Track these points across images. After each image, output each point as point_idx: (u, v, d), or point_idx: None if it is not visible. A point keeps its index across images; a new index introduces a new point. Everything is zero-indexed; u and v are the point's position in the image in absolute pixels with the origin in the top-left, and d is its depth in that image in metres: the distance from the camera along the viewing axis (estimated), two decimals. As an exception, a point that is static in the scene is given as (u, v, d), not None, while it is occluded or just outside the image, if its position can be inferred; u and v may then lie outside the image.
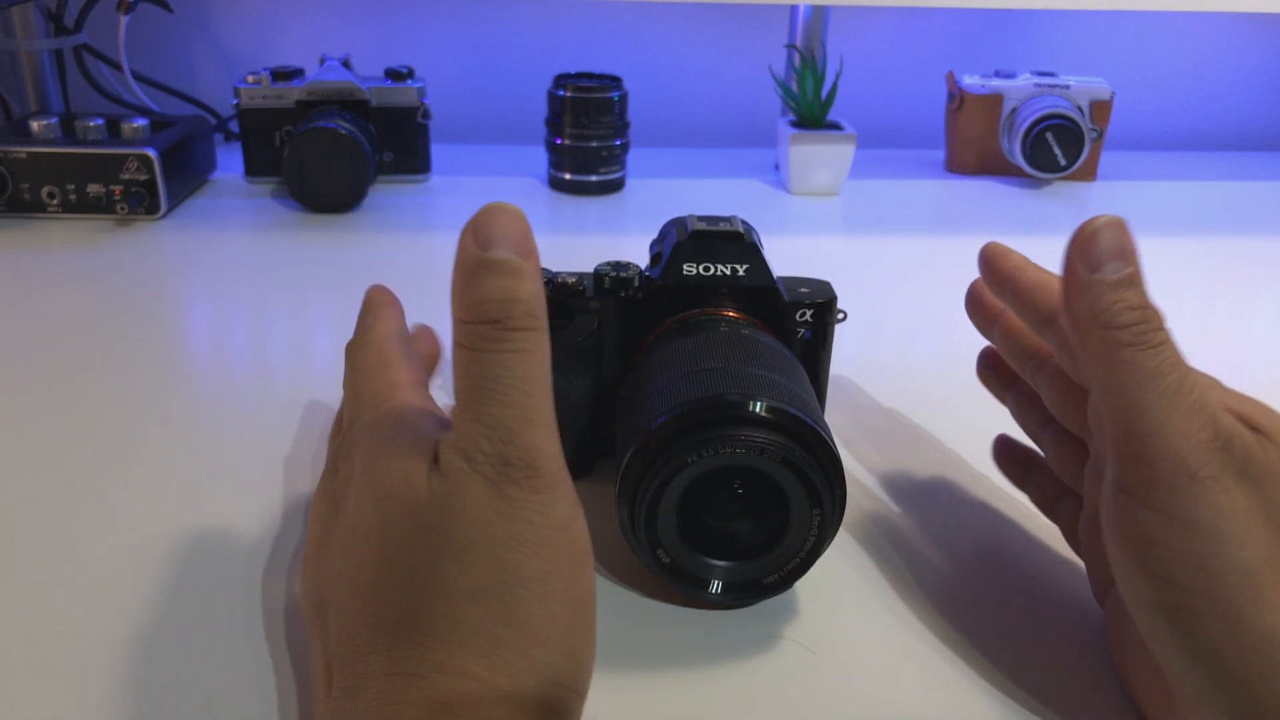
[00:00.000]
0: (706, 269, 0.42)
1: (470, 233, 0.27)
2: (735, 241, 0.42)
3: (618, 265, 0.43)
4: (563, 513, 0.27)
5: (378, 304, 0.38)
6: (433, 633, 0.26)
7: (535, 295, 0.27)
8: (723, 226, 0.43)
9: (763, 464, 0.34)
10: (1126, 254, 0.29)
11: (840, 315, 0.45)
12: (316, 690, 0.29)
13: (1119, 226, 0.29)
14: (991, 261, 0.37)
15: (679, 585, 0.36)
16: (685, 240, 0.42)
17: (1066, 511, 0.39)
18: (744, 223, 0.44)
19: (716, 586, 0.36)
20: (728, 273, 0.42)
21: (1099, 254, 0.29)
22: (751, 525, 0.36)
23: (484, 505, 0.26)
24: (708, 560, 0.36)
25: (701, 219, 0.43)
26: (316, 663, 0.29)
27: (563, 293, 0.43)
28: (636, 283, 0.43)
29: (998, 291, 0.37)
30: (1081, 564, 0.38)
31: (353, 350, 0.35)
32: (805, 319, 0.43)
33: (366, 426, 0.31)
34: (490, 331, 0.27)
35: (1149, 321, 0.28)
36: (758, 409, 0.34)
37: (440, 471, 0.27)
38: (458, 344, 0.27)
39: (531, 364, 0.27)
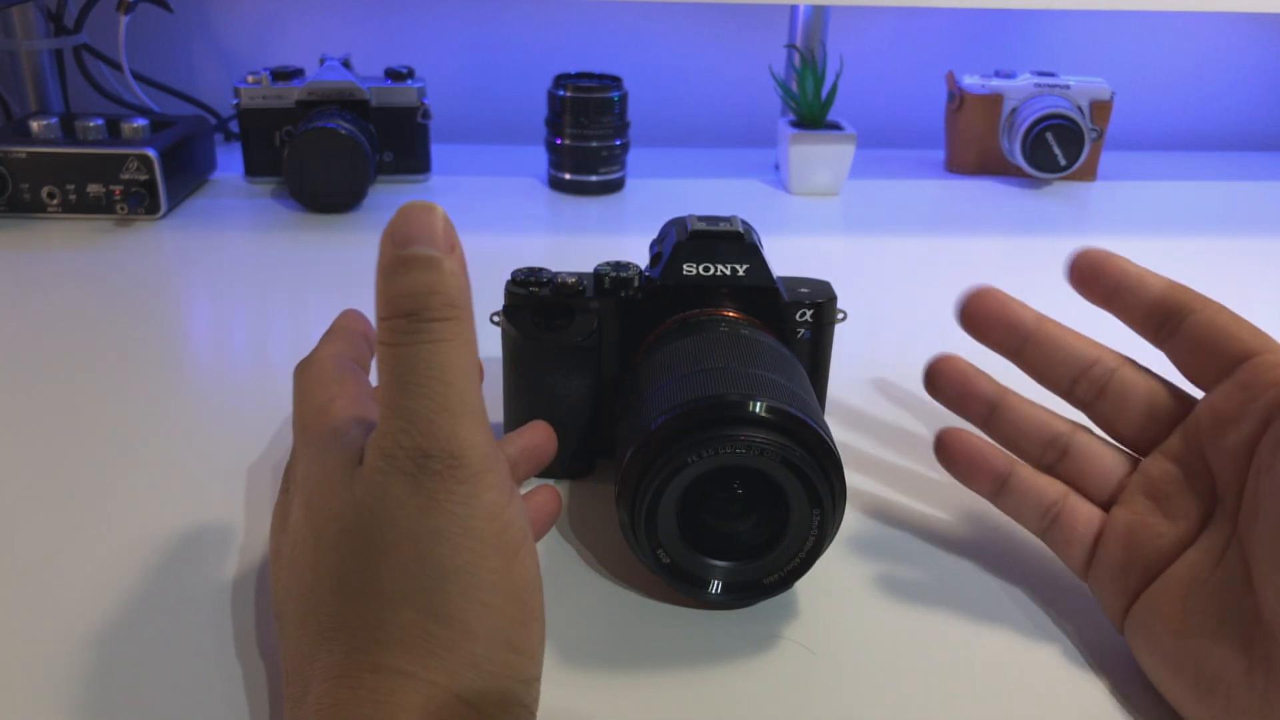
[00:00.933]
0: (706, 269, 0.42)
1: (388, 234, 0.27)
2: (735, 241, 0.42)
3: (618, 265, 0.43)
4: (490, 501, 0.27)
5: (334, 328, 0.38)
6: (365, 634, 0.26)
7: (455, 286, 0.27)
8: (723, 226, 0.43)
9: (762, 464, 0.34)
10: None
11: (840, 315, 0.45)
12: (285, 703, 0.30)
13: None
14: (1097, 266, 0.38)
15: (679, 585, 0.36)
16: (685, 240, 0.42)
17: (1070, 526, 0.37)
18: (744, 223, 0.44)
19: (716, 586, 0.36)
20: (728, 273, 0.42)
21: None
22: (751, 525, 0.36)
23: (404, 502, 0.26)
24: (708, 560, 0.36)
25: (701, 219, 0.43)
26: (284, 673, 0.29)
27: (563, 293, 0.43)
28: (636, 283, 0.43)
29: (1100, 297, 0.38)
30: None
31: (296, 373, 0.35)
32: (805, 319, 0.43)
33: (305, 443, 0.31)
34: (407, 325, 0.26)
35: None
36: (758, 409, 0.34)
37: (362, 474, 0.27)
38: (379, 343, 0.27)
39: (451, 353, 0.27)
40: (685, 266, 0.42)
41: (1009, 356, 0.39)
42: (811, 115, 0.87)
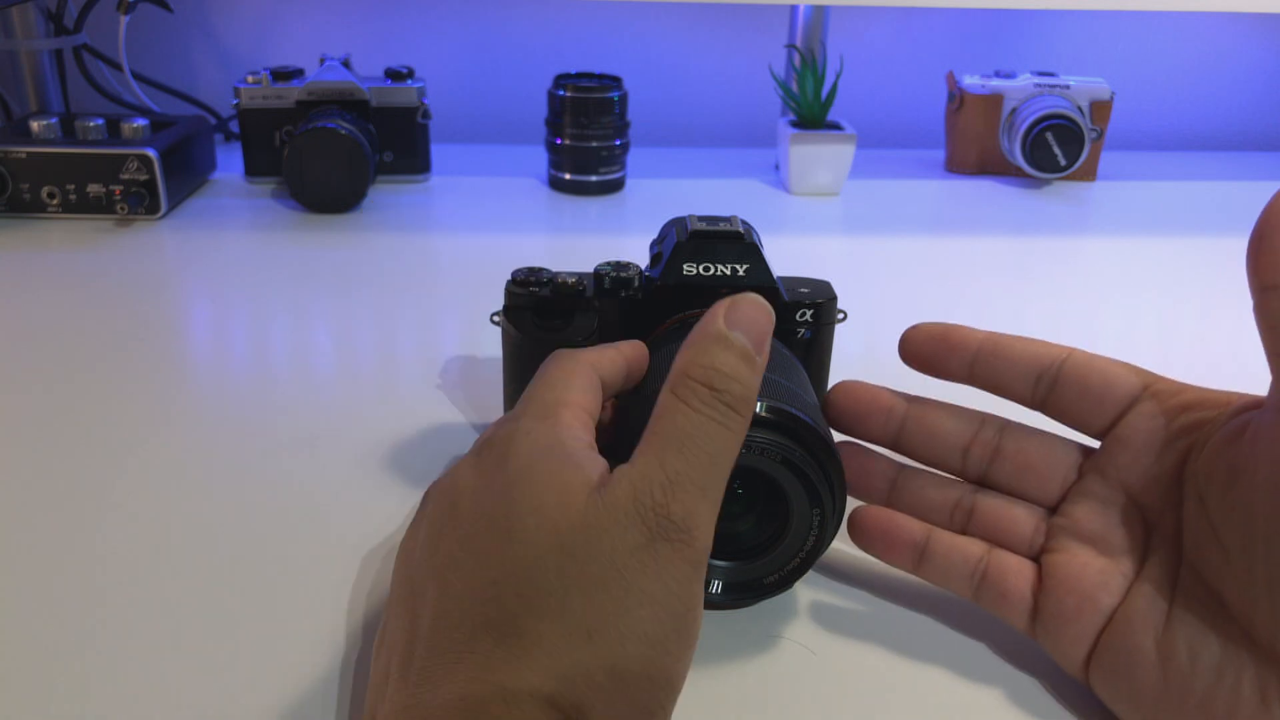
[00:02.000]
0: (706, 269, 0.42)
1: (724, 308, 0.29)
2: (735, 241, 0.42)
3: (618, 265, 0.43)
4: (696, 591, 0.27)
5: (616, 348, 0.37)
6: (536, 656, 0.25)
7: (753, 388, 0.29)
8: (722, 226, 0.43)
9: (763, 464, 0.34)
10: None
11: (840, 315, 0.45)
12: (381, 664, 0.29)
13: None
14: (941, 339, 0.37)
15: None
16: (685, 240, 0.42)
17: (1000, 579, 0.35)
18: (744, 223, 0.44)
19: (716, 586, 0.36)
20: (728, 273, 0.42)
21: None
22: (751, 525, 0.36)
23: (632, 551, 0.26)
24: (708, 560, 0.36)
25: (701, 219, 0.43)
26: (395, 639, 0.28)
27: (563, 292, 0.43)
28: (636, 283, 0.43)
29: (958, 372, 0.37)
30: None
31: (550, 360, 0.34)
32: (805, 319, 0.43)
33: (526, 430, 0.30)
34: (708, 395, 0.28)
35: None
36: (758, 409, 0.34)
37: (605, 501, 0.27)
38: (671, 393, 0.28)
39: (729, 442, 0.28)
40: (685, 266, 0.42)
41: (889, 445, 0.38)
42: (811, 115, 0.87)
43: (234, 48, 1.00)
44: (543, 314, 0.43)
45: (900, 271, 0.72)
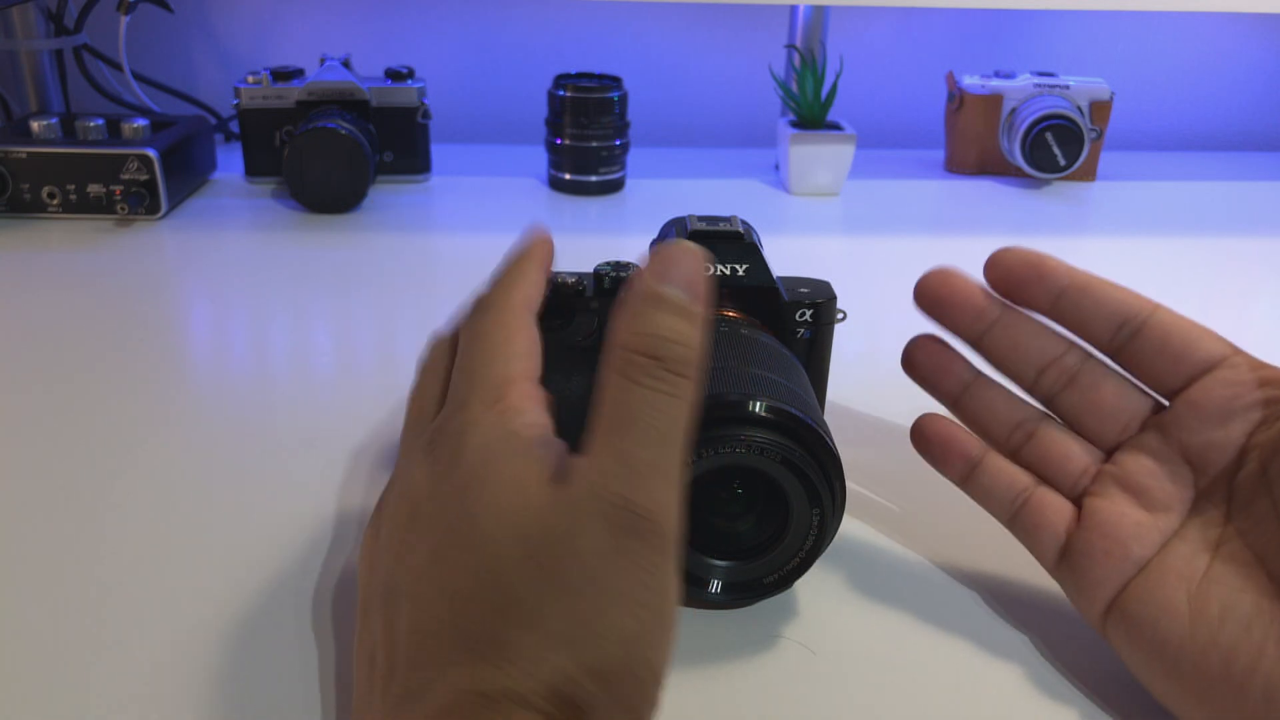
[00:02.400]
0: (706, 269, 0.42)
1: (651, 265, 0.28)
2: (735, 241, 0.42)
3: (618, 265, 0.43)
4: (669, 579, 0.26)
5: (527, 258, 0.34)
6: (517, 663, 0.25)
7: (697, 345, 0.27)
8: (722, 226, 0.43)
9: (762, 464, 0.34)
10: None
11: (840, 315, 0.45)
12: (364, 674, 0.28)
13: None
14: (1035, 267, 0.36)
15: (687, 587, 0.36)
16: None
17: (1039, 512, 0.36)
18: (744, 223, 0.44)
19: (716, 586, 0.36)
20: (727, 273, 0.42)
21: None
22: (751, 525, 0.36)
23: (601, 551, 0.25)
24: (707, 560, 0.36)
25: (701, 219, 0.43)
26: (373, 649, 0.28)
27: (563, 293, 0.43)
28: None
29: (1042, 303, 0.36)
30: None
31: (481, 311, 0.32)
32: (805, 319, 0.43)
33: (474, 421, 0.28)
34: (650, 366, 0.26)
35: None
36: (757, 409, 0.34)
37: (565, 499, 0.26)
38: (610, 368, 0.27)
39: (681, 412, 0.27)
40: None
41: (971, 343, 0.38)
42: (811, 115, 0.87)
43: (234, 48, 1.00)
44: (542, 314, 0.43)
45: (900, 271, 0.72)
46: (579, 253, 0.75)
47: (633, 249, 0.61)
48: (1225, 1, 0.86)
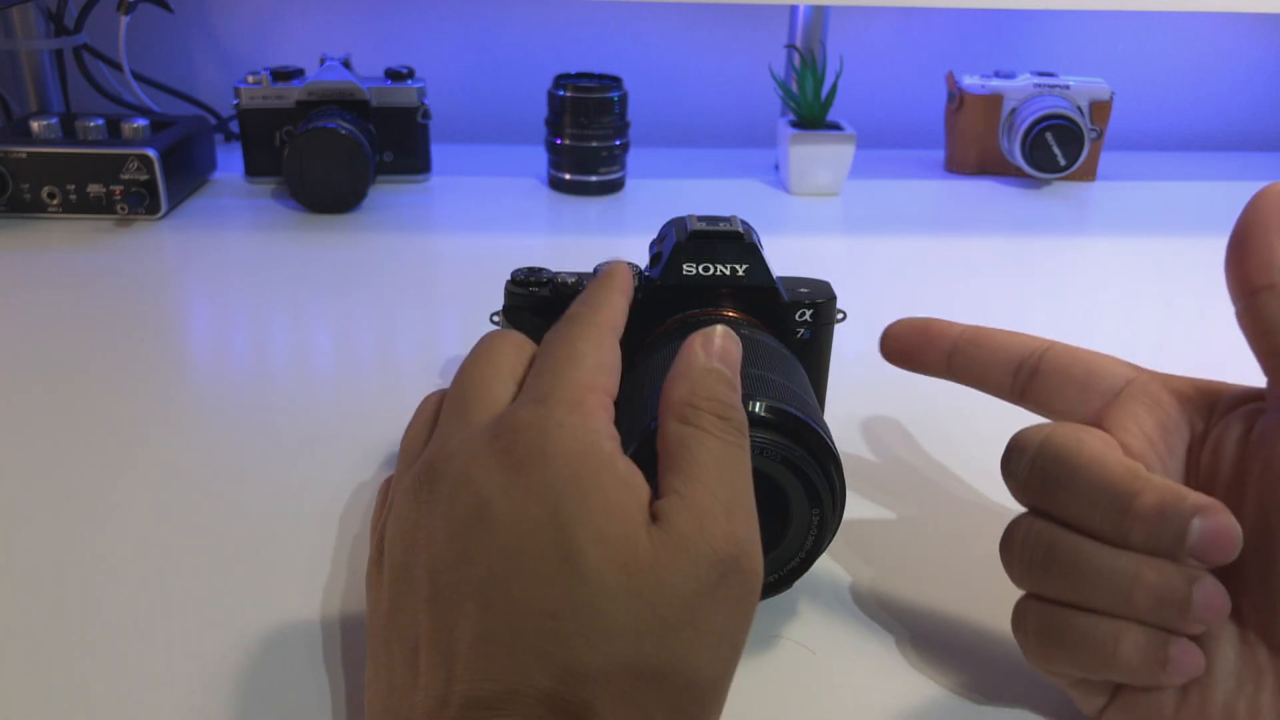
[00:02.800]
0: (706, 269, 0.42)
1: (699, 342, 0.31)
2: (735, 241, 0.42)
3: (597, 269, 0.43)
4: (752, 617, 0.27)
5: (613, 284, 0.35)
6: (605, 697, 0.24)
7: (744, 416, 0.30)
8: (722, 227, 0.43)
9: (762, 464, 0.34)
10: None
11: (840, 315, 0.45)
12: (390, 658, 0.27)
13: None
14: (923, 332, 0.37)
15: None
16: (684, 241, 0.42)
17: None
18: (744, 223, 0.44)
19: None
20: (727, 273, 0.42)
21: None
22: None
23: (705, 590, 0.26)
24: None
25: (701, 219, 0.43)
26: (413, 640, 0.27)
27: (563, 292, 0.43)
28: (636, 283, 0.43)
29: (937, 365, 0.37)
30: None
31: (569, 322, 0.32)
32: (805, 319, 0.43)
33: (558, 424, 0.28)
34: (721, 423, 0.29)
35: None
36: (757, 409, 0.34)
37: (670, 536, 0.26)
38: (683, 422, 0.29)
39: (748, 464, 0.29)
40: (685, 266, 0.42)
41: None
42: (811, 115, 0.87)
43: (234, 48, 1.00)
44: (542, 314, 0.43)
45: (900, 271, 0.72)
46: (579, 253, 0.75)
47: (633, 249, 0.61)
48: (1225, 1, 0.86)
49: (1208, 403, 0.32)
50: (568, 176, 0.85)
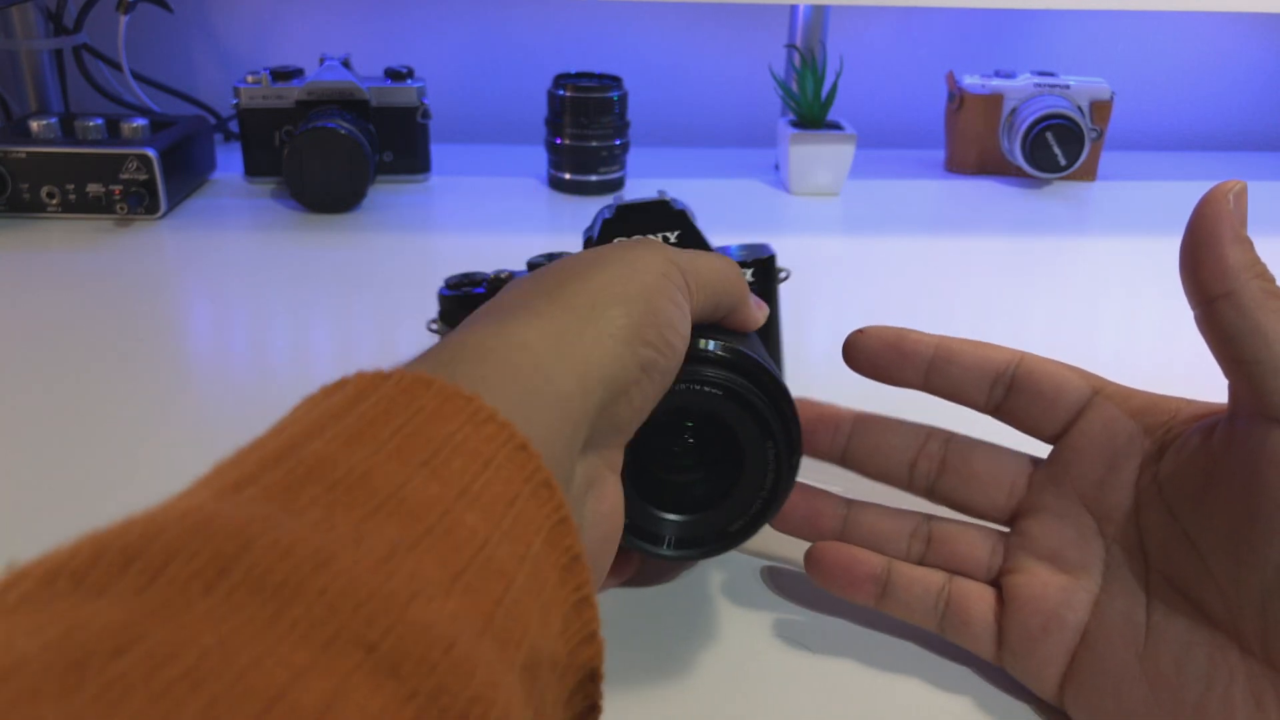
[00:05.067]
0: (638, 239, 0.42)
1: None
2: (663, 209, 0.42)
3: (551, 256, 0.44)
4: None
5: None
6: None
7: None
8: (650, 199, 0.43)
9: (710, 402, 0.33)
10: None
11: (783, 274, 0.45)
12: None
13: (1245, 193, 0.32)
14: (896, 345, 0.36)
15: (639, 543, 0.35)
16: (613, 217, 0.43)
17: (964, 608, 0.34)
18: (673, 198, 0.44)
19: (669, 541, 0.35)
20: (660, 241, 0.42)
21: (1242, 217, 0.33)
22: (705, 476, 0.35)
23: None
24: (663, 516, 0.35)
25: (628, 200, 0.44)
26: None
27: (496, 286, 0.43)
28: None
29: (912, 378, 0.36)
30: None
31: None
32: (749, 280, 0.43)
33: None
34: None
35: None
36: (709, 347, 0.33)
37: None
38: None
39: None
40: (618, 241, 0.42)
41: (836, 461, 0.38)
42: (811, 115, 0.87)
43: (234, 48, 1.00)
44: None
45: (900, 271, 0.72)
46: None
47: (633, 249, 0.60)
48: (1225, 1, 0.86)
49: (1163, 420, 0.32)
50: (568, 176, 0.85)
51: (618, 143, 0.85)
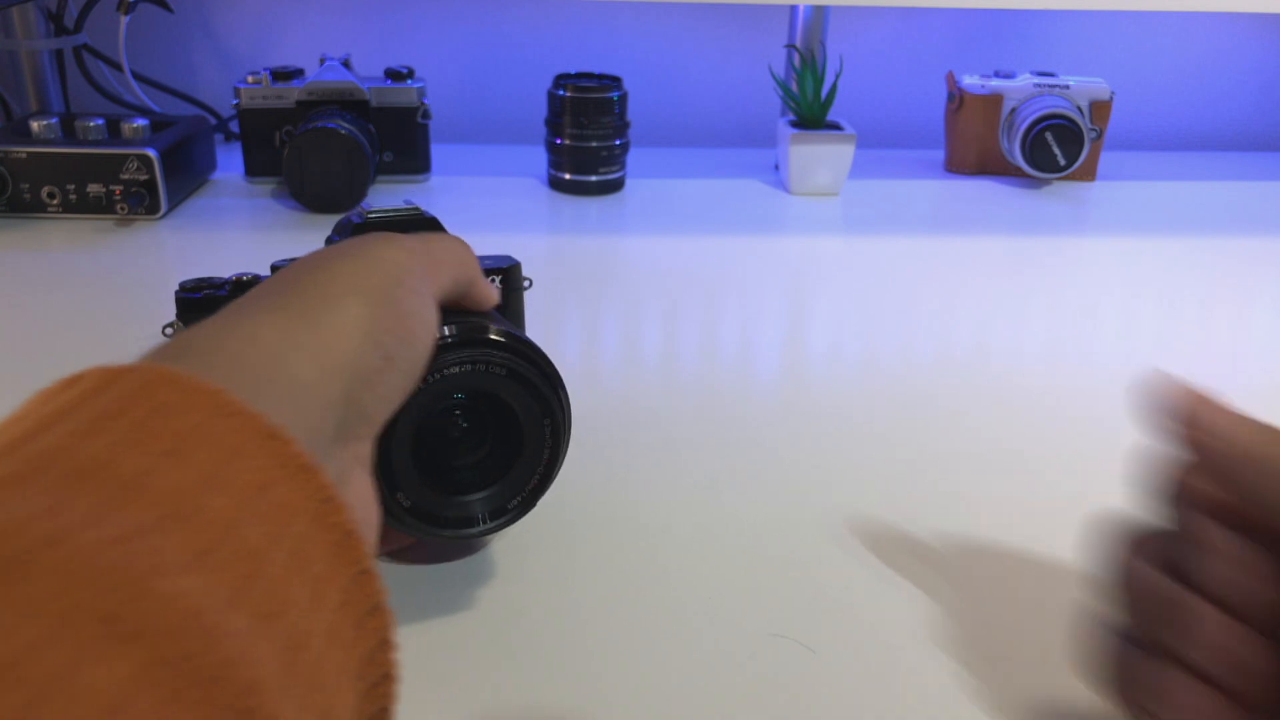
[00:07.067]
0: None
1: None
2: (414, 217, 0.43)
3: (294, 260, 0.44)
4: None
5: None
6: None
7: None
8: (401, 210, 0.43)
9: (487, 382, 0.34)
10: None
11: (526, 283, 0.48)
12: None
13: None
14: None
15: (424, 528, 0.35)
16: (362, 223, 0.43)
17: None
18: (422, 208, 0.44)
19: (481, 519, 0.36)
20: None
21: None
22: (486, 455, 0.37)
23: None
24: (455, 498, 0.36)
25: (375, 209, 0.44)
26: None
27: (242, 291, 0.44)
28: None
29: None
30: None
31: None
32: (496, 284, 0.45)
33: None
34: None
35: None
36: (491, 333, 0.35)
37: None
38: None
39: None
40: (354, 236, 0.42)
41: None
42: (811, 115, 0.87)
43: (234, 48, 1.00)
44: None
45: (900, 271, 0.72)
46: (579, 253, 0.75)
47: (633, 249, 0.61)
48: (1225, 1, 0.86)
49: None
50: (567, 176, 0.85)
51: (618, 143, 0.85)
